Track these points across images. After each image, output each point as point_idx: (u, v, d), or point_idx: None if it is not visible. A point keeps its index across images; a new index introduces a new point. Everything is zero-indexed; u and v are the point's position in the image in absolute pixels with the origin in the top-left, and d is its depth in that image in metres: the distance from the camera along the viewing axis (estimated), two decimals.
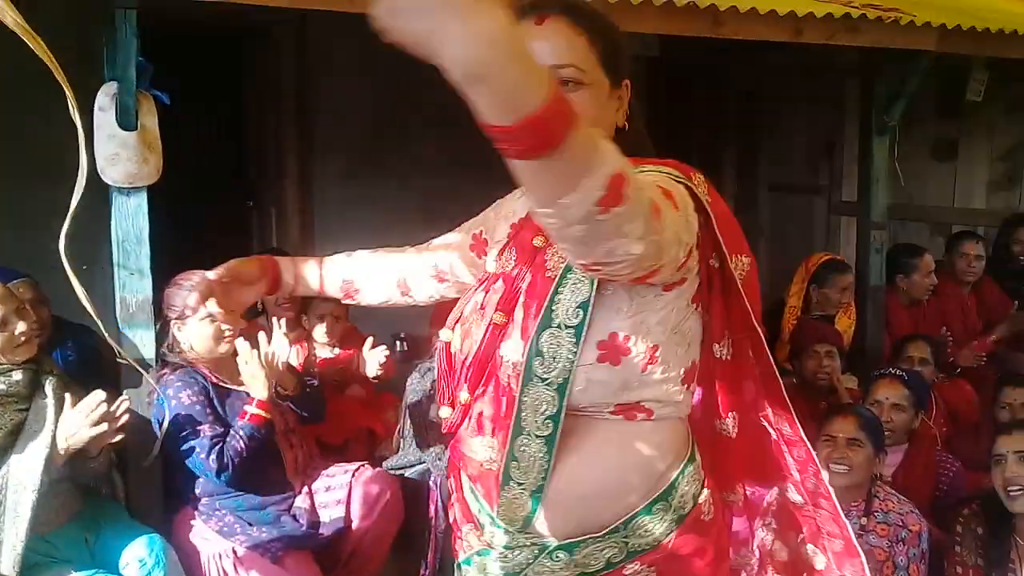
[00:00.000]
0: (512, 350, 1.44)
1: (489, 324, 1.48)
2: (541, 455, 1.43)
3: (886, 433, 3.43)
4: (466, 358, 1.51)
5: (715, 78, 5.99)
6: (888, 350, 4.58)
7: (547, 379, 1.39)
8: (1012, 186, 6.78)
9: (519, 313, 1.44)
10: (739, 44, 3.69)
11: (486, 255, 1.67)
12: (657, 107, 4.69)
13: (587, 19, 1.41)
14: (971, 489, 3.40)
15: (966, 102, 4.96)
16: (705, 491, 1.54)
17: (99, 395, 2.56)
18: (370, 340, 3.48)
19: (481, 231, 1.73)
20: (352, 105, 4.99)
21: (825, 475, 1.66)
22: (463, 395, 1.52)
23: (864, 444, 2.98)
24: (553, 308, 1.39)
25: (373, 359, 3.40)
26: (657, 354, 1.41)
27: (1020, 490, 2.83)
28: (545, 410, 1.41)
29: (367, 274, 1.88)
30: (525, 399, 1.42)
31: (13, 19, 0.96)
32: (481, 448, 1.51)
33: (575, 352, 1.38)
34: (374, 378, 3.44)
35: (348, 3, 2.91)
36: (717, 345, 1.53)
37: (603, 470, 1.45)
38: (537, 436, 1.42)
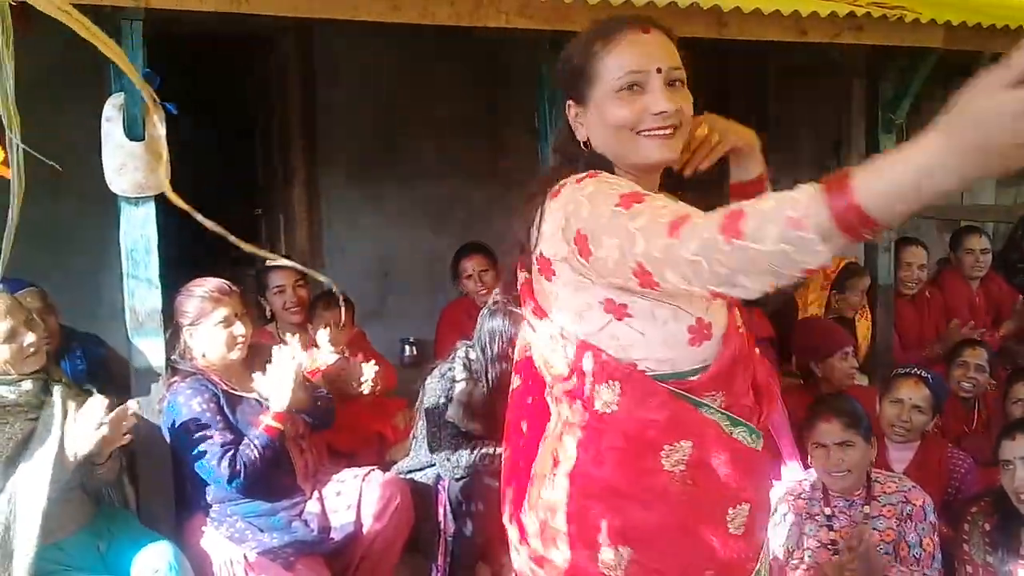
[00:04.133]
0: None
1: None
2: None
3: (900, 431, 3.43)
4: None
5: (720, 78, 5.99)
6: (898, 346, 4.59)
7: None
8: (1020, 182, 6.75)
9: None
10: (744, 44, 3.69)
11: None
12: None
13: (671, 32, 1.60)
14: (982, 485, 3.39)
15: None
16: None
17: (99, 400, 2.58)
18: (360, 357, 3.49)
19: None
20: (358, 113, 5.02)
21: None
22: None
23: (855, 442, 2.95)
24: None
25: (367, 373, 3.40)
26: None
27: None
28: None
29: None
30: None
31: (65, 11, 0.97)
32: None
33: None
34: (372, 391, 3.44)
35: (353, 11, 2.94)
36: None
37: None
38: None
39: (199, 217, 1.39)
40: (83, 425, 2.55)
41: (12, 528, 2.46)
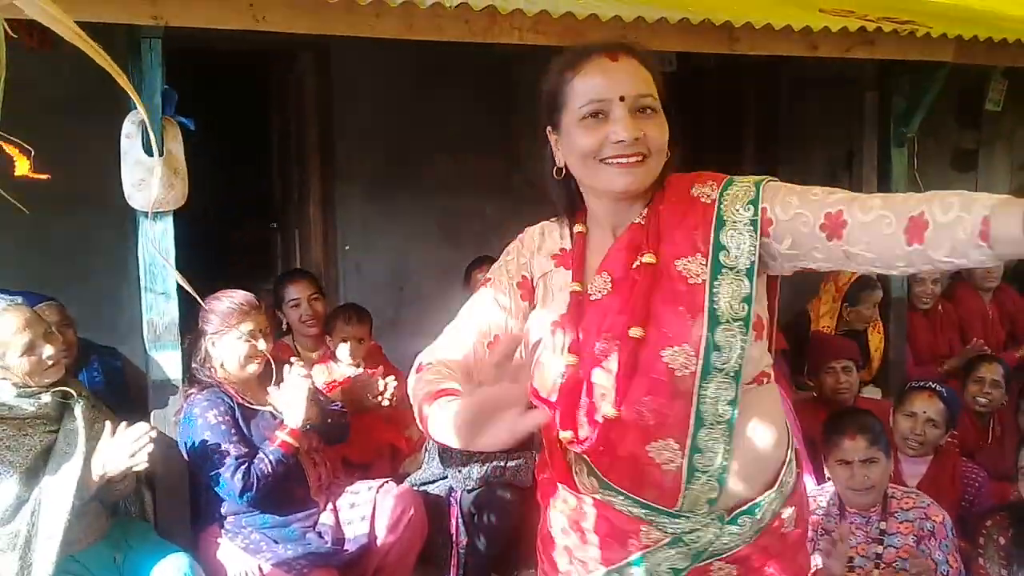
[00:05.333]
0: (678, 351, 1.53)
1: (627, 341, 1.55)
2: (724, 438, 1.56)
3: (914, 445, 3.43)
4: (607, 376, 1.58)
5: (732, 92, 6.01)
6: (911, 360, 4.58)
7: (724, 369, 1.53)
8: None
9: (667, 316, 1.54)
10: (756, 58, 3.71)
11: (531, 300, 1.73)
12: (673, 122, 4.72)
13: (644, 55, 1.59)
14: (997, 499, 3.38)
15: (985, 112, 4.95)
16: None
17: (143, 427, 2.60)
18: (380, 370, 3.52)
19: (523, 277, 1.73)
20: (373, 129, 5.06)
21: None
22: (608, 411, 1.57)
23: (878, 458, 2.94)
24: (715, 307, 1.52)
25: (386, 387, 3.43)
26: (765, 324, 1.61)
27: None
28: (724, 397, 1.54)
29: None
30: (704, 393, 1.54)
31: (74, 31, 0.99)
32: (653, 453, 1.58)
33: (747, 340, 1.52)
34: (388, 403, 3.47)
35: (369, 29, 2.97)
36: None
37: (763, 428, 1.62)
38: (719, 423, 1.55)
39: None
40: (119, 449, 2.58)
41: (33, 540, 2.49)
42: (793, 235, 1.46)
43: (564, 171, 1.64)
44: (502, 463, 3.18)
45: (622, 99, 1.51)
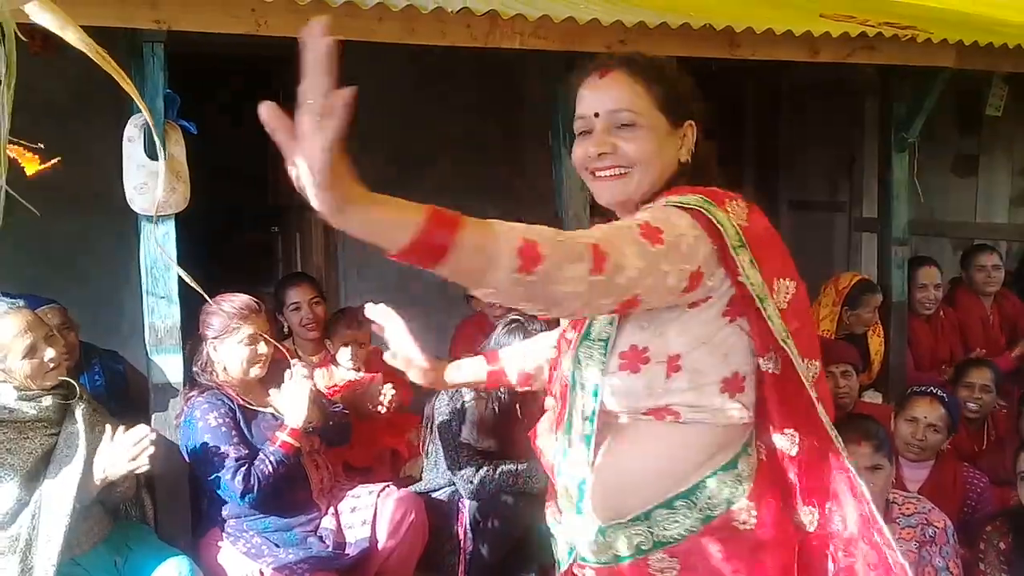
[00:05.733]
0: (566, 364, 1.66)
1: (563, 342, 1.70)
2: (584, 451, 1.61)
3: (915, 450, 3.42)
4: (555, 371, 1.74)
5: (733, 98, 6.02)
6: (912, 365, 4.57)
7: (584, 385, 1.59)
8: None
9: (572, 332, 1.66)
10: (757, 63, 3.72)
11: None
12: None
13: (644, 69, 1.62)
14: (997, 504, 3.38)
15: (986, 117, 4.95)
16: (746, 501, 1.59)
17: (143, 430, 2.61)
18: (380, 376, 3.52)
19: None
20: (374, 131, 5.06)
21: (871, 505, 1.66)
22: (548, 401, 1.76)
23: (883, 464, 2.93)
24: (591, 326, 1.59)
25: (386, 394, 3.44)
26: (680, 363, 1.53)
27: None
28: (585, 412, 1.60)
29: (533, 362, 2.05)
30: (572, 403, 1.63)
31: (78, 37, 1.00)
32: (550, 446, 1.74)
33: (604, 362, 1.56)
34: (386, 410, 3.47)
35: (371, 33, 2.98)
36: (762, 359, 1.60)
37: (630, 462, 1.61)
38: (581, 435, 1.62)
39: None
40: (120, 452, 2.58)
41: (34, 544, 2.49)
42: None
43: None
44: (512, 468, 3.17)
45: (596, 115, 1.58)
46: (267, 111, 1.12)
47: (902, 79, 4.33)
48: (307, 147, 1.12)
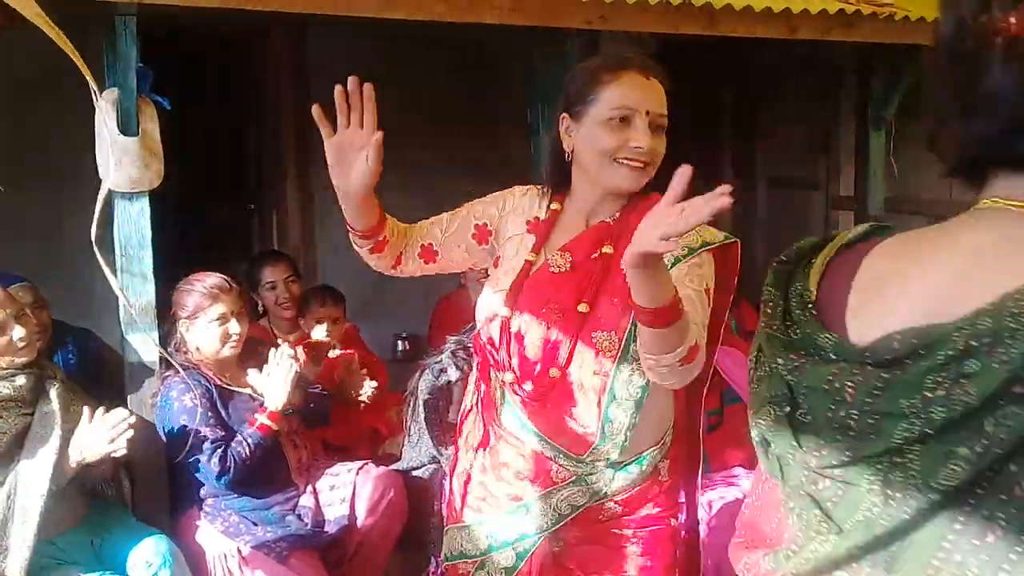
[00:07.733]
0: (606, 336, 1.84)
1: (573, 314, 1.85)
2: (632, 414, 1.87)
3: None
4: (548, 340, 1.88)
5: (711, 74, 6.00)
6: None
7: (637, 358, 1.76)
8: None
9: (604, 304, 1.84)
10: (735, 40, 3.71)
11: (486, 244, 2.03)
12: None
13: (664, 76, 1.86)
14: None
15: None
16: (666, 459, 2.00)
17: (122, 413, 2.58)
18: (354, 353, 3.51)
19: (485, 223, 2.03)
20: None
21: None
22: (553, 372, 1.88)
23: None
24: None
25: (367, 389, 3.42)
26: None
27: None
28: (637, 382, 1.84)
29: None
30: (619, 374, 1.84)
31: (35, 12, 0.98)
32: (576, 413, 1.89)
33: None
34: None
35: (347, 7, 2.94)
36: None
37: (661, 403, 1.94)
38: (628, 400, 1.86)
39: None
40: (97, 435, 2.55)
41: (9, 525, 2.47)
42: None
43: (570, 155, 1.90)
44: None
45: (647, 113, 1.79)
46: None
47: (880, 57, 4.34)
48: (688, 215, 1.31)
